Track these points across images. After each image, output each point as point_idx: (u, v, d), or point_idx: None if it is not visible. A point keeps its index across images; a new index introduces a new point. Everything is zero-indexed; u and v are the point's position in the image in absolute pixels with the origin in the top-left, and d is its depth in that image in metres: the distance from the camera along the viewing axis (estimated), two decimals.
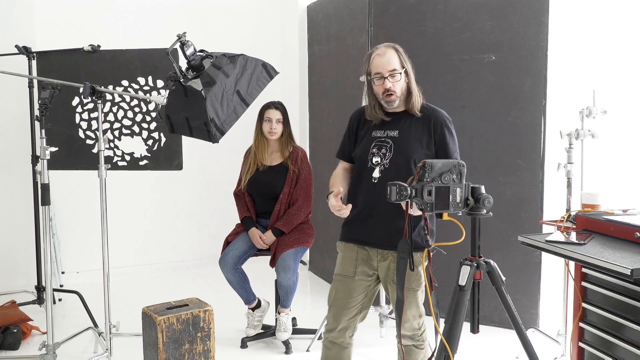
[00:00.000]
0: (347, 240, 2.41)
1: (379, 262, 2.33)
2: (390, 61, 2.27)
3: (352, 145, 2.44)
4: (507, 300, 1.98)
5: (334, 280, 2.42)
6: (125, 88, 3.56)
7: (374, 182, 2.29)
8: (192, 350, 2.70)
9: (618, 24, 3.78)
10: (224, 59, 2.66)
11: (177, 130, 2.80)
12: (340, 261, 2.42)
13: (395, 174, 2.21)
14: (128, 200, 4.80)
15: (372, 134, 2.35)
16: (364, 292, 2.38)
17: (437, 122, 2.34)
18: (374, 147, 2.31)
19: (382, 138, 2.32)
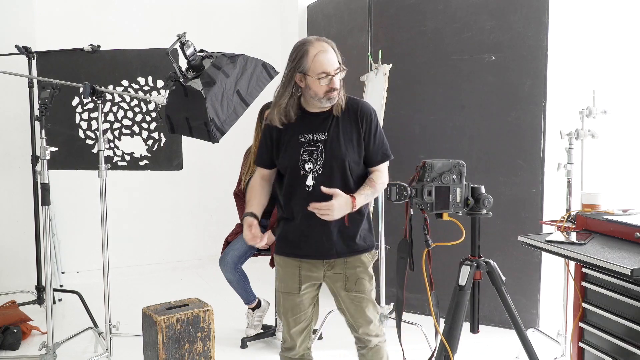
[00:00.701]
0: (286, 254, 2.23)
1: (326, 271, 2.23)
2: (334, 58, 2.13)
3: (271, 151, 2.19)
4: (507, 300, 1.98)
5: (279, 296, 2.29)
6: (125, 88, 3.56)
7: (309, 190, 2.10)
8: (192, 350, 2.70)
9: (618, 24, 3.78)
10: (224, 59, 2.66)
11: (177, 130, 2.80)
12: (282, 277, 2.26)
13: (331, 179, 2.09)
14: (128, 200, 4.80)
15: (299, 139, 2.12)
16: (312, 302, 2.32)
17: (362, 115, 2.18)
18: (304, 152, 2.11)
19: (311, 142, 2.11)
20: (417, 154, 3.67)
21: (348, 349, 3.34)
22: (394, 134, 3.89)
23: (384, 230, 3.43)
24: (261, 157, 2.25)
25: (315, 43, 2.12)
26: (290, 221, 2.20)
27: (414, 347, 3.12)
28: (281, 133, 2.15)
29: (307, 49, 2.10)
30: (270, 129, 2.17)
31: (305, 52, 2.10)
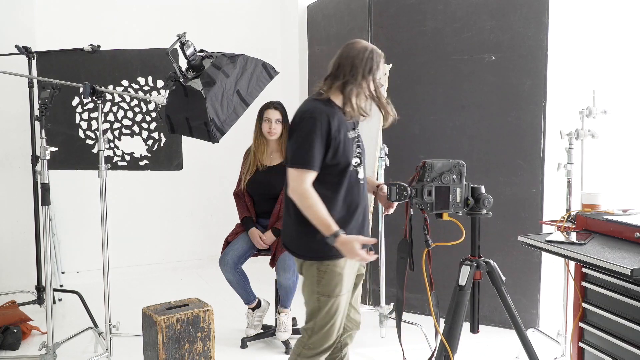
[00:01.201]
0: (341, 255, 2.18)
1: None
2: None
3: (325, 152, 2.13)
4: (507, 300, 1.99)
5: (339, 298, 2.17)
6: (125, 88, 3.56)
7: (362, 183, 2.20)
8: (192, 350, 2.70)
9: (618, 24, 3.78)
10: (224, 59, 2.66)
11: (177, 130, 2.80)
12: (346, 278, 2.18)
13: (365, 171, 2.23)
14: (128, 200, 4.80)
15: (349, 135, 2.17)
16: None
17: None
18: (355, 148, 2.19)
19: (356, 138, 2.21)
20: (417, 154, 3.67)
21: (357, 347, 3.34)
22: (394, 134, 3.89)
23: (384, 230, 3.43)
24: (318, 160, 2.11)
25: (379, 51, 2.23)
26: (351, 219, 2.17)
27: (414, 347, 3.13)
28: (332, 131, 2.11)
29: (379, 54, 2.22)
30: (322, 127, 2.09)
31: (379, 55, 2.21)
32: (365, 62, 2.16)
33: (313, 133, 2.07)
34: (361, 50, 2.18)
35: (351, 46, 2.21)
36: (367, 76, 2.16)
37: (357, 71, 2.15)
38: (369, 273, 4.06)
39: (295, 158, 2.09)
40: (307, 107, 2.15)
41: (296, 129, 2.12)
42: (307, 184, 2.08)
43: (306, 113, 2.12)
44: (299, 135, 2.09)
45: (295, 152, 2.10)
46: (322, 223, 2.04)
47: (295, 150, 2.10)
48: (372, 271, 4.05)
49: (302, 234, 2.15)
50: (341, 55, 2.20)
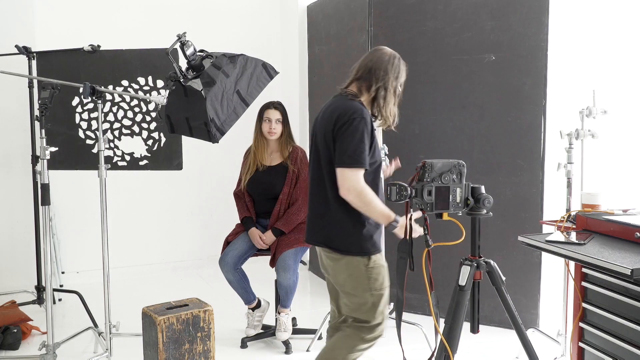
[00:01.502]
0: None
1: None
2: None
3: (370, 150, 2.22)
4: (507, 300, 1.98)
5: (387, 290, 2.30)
6: (125, 88, 3.56)
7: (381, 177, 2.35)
8: (192, 350, 2.70)
9: (618, 24, 3.78)
10: (224, 59, 2.66)
11: (177, 130, 2.80)
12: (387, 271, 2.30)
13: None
14: (128, 200, 4.80)
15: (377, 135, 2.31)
16: None
17: None
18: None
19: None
20: (417, 154, 3.67)
21: None
22: (394, 134, 3.89)
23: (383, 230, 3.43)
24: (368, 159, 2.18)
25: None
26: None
27: (414, 347, 3.13)
28: (373, 131, 2.21)
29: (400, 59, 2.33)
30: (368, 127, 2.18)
31: (399, 60, 2.33)
32: (395, 68, 2.28)
33: (364, 133, 2.13)
34: (391, 56, 2.30)
35: (381, 52, 2.31)
36: (395, 82, 2.28)
37: (388, 77, 2.26)
38: None
39: (351, 158, 2.12)
40: (354, 108, 2.18)
41: (346, 129, 2.14)
42: (363, 182, 2.14)
43: (355, 114, 2.15)
44: (352, 135, 2.13)
45: (350, 152, 2.12)
46: (383, 214, 2.14)
47: (350, 150, 2.13)
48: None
49: (349, 231, 2.21)
50: (372, 60, 2.29)
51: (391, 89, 2.27)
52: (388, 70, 2.26)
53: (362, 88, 2.27)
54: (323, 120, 2.26)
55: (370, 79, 2.25)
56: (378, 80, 2.24)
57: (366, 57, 2.33)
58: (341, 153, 2.13)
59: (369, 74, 2.26)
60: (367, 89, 2.26)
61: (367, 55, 2.34)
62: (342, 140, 2.14)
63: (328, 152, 2.20)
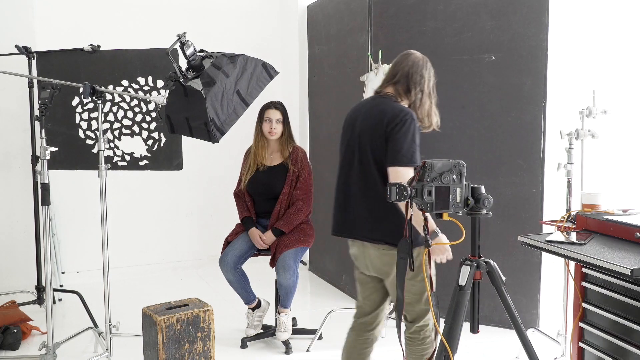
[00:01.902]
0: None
1: None
2: None
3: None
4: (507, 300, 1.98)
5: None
6: (125, 88, 3.56)
7: None
8: (192, 350, 2.70)
9: (618, 24, 3.78)
10: (224, 59, 2.66)
11: (177, 130, 2.80)
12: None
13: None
14: (128, 200, 4.81)
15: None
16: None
17: None
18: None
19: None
20: None
21: None
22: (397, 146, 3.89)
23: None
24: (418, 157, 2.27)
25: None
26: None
27: None
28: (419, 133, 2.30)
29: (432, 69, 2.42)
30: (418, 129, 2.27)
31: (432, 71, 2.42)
32: (429, 71, 2.38)
33: (415, 134, 2.22)
34: (424, 60, 2.39)
35: (414, 56, 2.39)
36: (429, 85, 2.38)
37: (424, 80, 2.35)
38: None
39: (405, 157, 2.19)
40: (405, 110, 2.26)
41: (399, 129, 2.20)
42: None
43: (407, 115, 2.23)
44: (405, 135, 2.20)
45: (403, 151, 2.19)
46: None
47: (404, 149, 2.19)
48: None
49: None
50: (407, 65, 2.35)
51: (427, 92, 2.36)
52: (424, 74, 2.36)
53: (400, 91, 2.34)
54: (368, 121, 2.31)
55: (409, 82, 2.33)
56: (416, 85, 2.34)
57: (401, 62, 2.38)
58: (395, 152, 2.20)
59: (407, 78, 2.34)
60: (406, 93, 2.34)
61: (401, 59, 2.40)
62: (395, 140, 2.20)
63: (378, 152, 2.26)
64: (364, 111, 2.37)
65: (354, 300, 4.19)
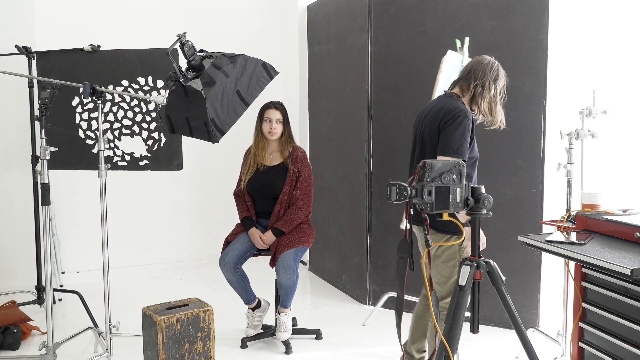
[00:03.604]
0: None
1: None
2: None
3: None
4: (507, 300, 1.98)
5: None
6: (125, 88, 3.56)
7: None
8: (192, 350, 2.70)
9: (618, 24, 3.78)
10: (224, 59, 2.66)
11: (177, 130, 2.80)
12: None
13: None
14: (128, 200, 4.81)
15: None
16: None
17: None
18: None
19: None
20: None
21: (348, 349, 3.34)
22: (394, 134, 3.90)
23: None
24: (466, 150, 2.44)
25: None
26: None
27: None
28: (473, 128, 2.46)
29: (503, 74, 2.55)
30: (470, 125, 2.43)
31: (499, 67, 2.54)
32: (493, 71, 2.51)
33: (466, 129, 2.39)
34: (490, 61, 2.55)
35: (481, 57, 2.57)
36: (493, 83, 2.50)
37: (485, 77, 2.49)
38: (369, 273, 4.06)
39: (451, 148, 2.37)
40: (459, 107, 2.43)
41: (451, 124, 2.40)
42: None
43: (461, 112, 2.40)
44: (455, 129, 2.38)
45: (451, 143, 2.37)
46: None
47: (452, 141, 2.37)
48: (373, 272, 4.05)
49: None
50: (471, 63, 2.55)
51: (489, 88, 2.49)
52: (486, 71, 2.49)
53: (464, 88, 2.52)
54: (430, 117, 2.51)
55: (470, 78, 2.50)
56: (476, 79, 2.49)
57: (468, 63, 2.58)
58: (444, 144, 2.39)
59: (469, 74, 2.51)
60: (467, 88, 2.51)
61: (470, 61, 2.60)
62: (445, 134, 2.39)
63: (435, 144, 2.45)
64: (429, 108, 2.58)
65: (354, 300, 4.20)
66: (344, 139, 4.36)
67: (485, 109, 2.51)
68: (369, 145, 4.01)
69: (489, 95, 2.50)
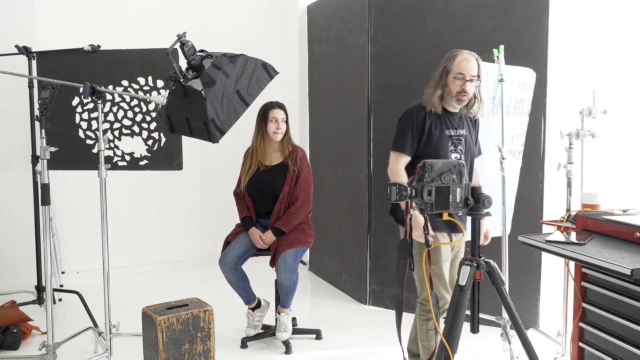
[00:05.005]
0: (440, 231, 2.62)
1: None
2: (474, 67, 2.55)
3: (418, 140, 2.60)
4: (507, 300, 1.98)
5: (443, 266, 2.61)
6: (125, 88, 3.56)
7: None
8: (192, 350, 2.70)
9: (618, 24, 3.78)
10: (224, 59, 2.66)
11: (177, 130, 2.80)
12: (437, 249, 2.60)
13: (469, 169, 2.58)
14: (128, 200, 4.80)
15: (447, 133, 2.59)
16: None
17: (477, 125, 2.74)
18: (452, 144, 2.59)
19: (455, 136, 2.60)
20: None
21: (348, 349, 3.34)
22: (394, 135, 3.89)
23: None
24: (409, 145, 2.60)
25: (465, 52, 2.59)
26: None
27: None
28: (430, 125, 2.57)
29: (457, 54, 2.58)
30: (419, 121, 2.58)
31: (454, 55, 2.58)
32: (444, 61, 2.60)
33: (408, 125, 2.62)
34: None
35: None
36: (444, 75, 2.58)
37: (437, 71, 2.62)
38: (369, 273, 4.07)
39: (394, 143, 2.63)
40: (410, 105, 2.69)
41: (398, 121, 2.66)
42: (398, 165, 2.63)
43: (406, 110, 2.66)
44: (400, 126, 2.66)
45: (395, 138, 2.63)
46: None
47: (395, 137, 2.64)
48: (373, 272, 4.05)
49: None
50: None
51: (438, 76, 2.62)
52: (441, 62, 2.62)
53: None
54: None
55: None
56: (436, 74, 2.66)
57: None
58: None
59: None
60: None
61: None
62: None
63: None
64: None
65: (354, 300, 4.20)
66: (344, 139, 4.36)
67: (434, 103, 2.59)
68: (369, 145, 4.01)
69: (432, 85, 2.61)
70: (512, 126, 3.13)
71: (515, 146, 3.19)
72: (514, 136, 3.15)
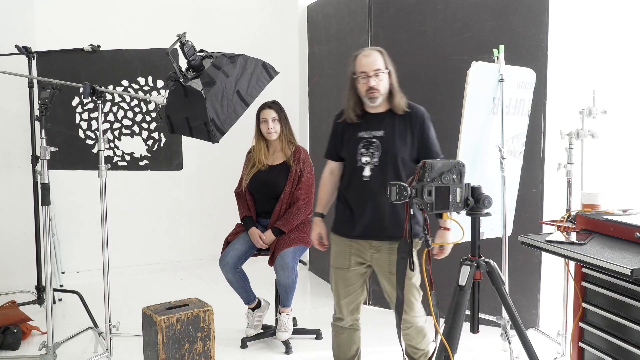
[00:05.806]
0: (340, 234, 2.56)
1: (372, 254, 2.49)
2: (375, 61, 2.41)
3: (338, 146, 2.58)
4: (507, 300, 1.98)
5: (332, 272, 2.59)
6: (125, 88, 3.56)
7: (365, 180, 2.43)
8: (192, 350, 2.70)
9: (618, 24, 3.78)
10: (224, 59, 2.66)
11: (177, 130, 2.80)
12: (335, 254, 2.57)
13: (385, 172, 2.40)
14: (128, 200, 4.80)
15: (358, 135, 2.47)
16: (360, 279, 2.58)
17: (416, 119, 2.47)
18: (362, 147, 2.44)
19: (368, 138, 2.44)
20: None
21: None
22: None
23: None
24: (330, 151, 2.64)
25: (365, 49, 2.49)
26: (347, 207, 2.50)
27: None
28: (345, 130, 2.52)
29: (357, 54, 2.47)
30: (337, 125, 2.56)
31: (355, 56, 2.47)
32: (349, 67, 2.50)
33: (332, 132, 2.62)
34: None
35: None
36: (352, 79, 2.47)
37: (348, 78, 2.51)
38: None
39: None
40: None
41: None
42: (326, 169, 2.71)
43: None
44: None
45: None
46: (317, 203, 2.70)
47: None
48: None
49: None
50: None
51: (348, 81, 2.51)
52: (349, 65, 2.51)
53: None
54: None
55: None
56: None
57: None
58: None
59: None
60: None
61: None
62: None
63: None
64: None
65: None
66: None
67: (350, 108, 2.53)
68: None
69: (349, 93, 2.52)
70: (512, 126, 3.12)
71: (516, 146, 3.18)
72: (514, 136, 3.14)
